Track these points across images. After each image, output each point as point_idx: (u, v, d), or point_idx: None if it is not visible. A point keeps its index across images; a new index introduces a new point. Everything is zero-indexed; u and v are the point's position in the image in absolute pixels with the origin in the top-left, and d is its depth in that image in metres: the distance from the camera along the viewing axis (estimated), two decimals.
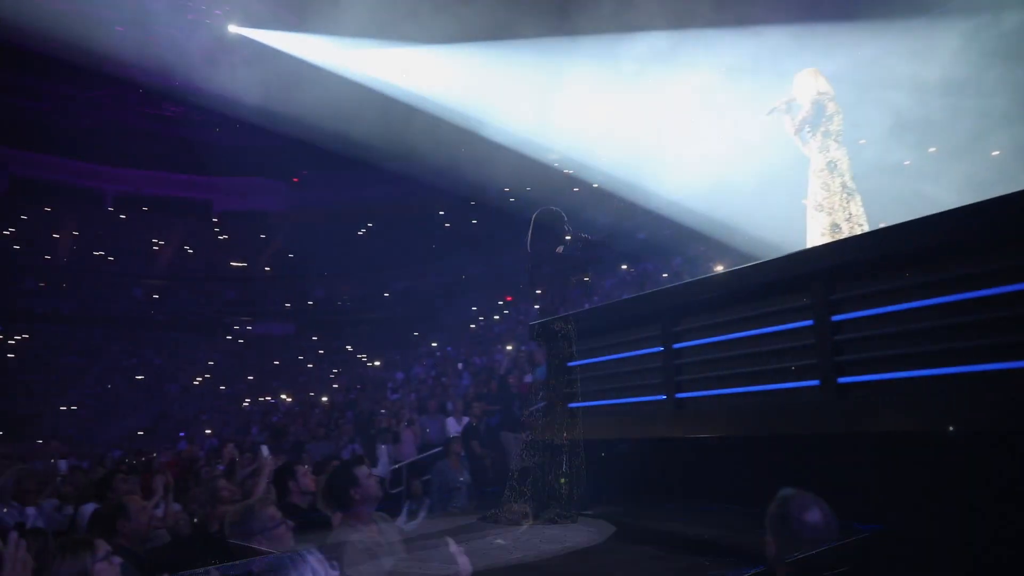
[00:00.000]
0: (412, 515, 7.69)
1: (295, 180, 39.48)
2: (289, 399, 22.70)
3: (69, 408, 28.50)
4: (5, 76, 31.42)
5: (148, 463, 7.90)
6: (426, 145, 22.23)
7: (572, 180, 28.70)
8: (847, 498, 2.42)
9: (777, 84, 5.57)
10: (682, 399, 3.96)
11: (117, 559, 2.32)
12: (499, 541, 6.17)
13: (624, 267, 22.29)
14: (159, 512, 5.09)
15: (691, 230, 13.93)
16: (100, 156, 35.05)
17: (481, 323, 26.29)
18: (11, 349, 31.03)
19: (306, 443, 9.86)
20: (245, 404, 25.71)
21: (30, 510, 5.19)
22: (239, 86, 23.81)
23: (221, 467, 6.94)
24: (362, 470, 3.33)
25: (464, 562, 2.56)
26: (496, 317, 25.57)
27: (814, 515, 2.06)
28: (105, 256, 35.36)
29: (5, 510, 4.95)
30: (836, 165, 4.89)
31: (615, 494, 4.51)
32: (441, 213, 36.78)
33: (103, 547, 2.29)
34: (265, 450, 5.48)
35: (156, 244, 36.95)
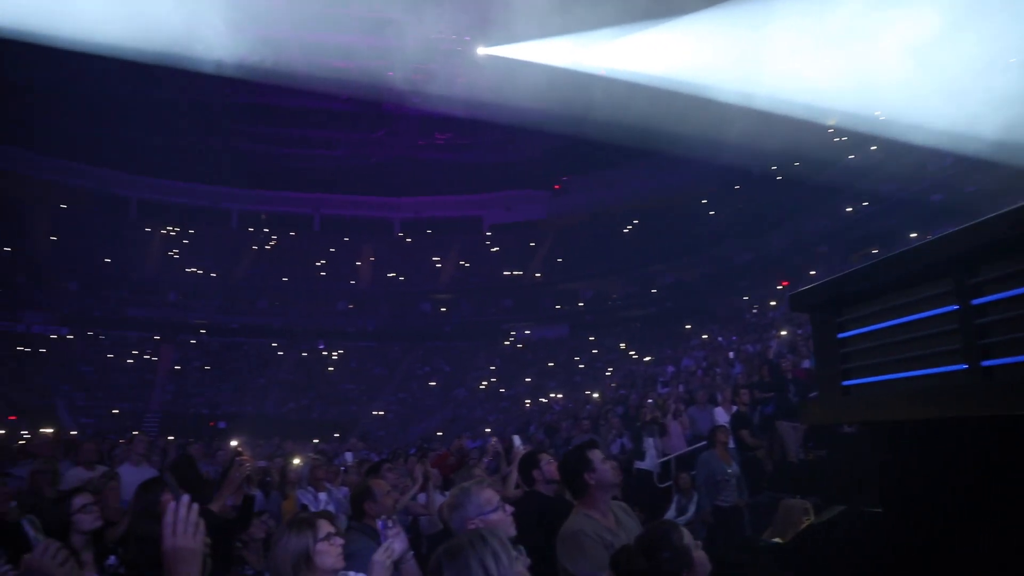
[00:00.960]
0: (681, 510, 7.30)
1: (556, 187, 40.87)
2: (560, 397, 23.31)
3: (378, 413, 32.32)
4: (306, 132, 37.02)
5: (422, 455, 8.52)
6: (681, 132, 21.59)
7: (846, 147, 25.96)
8: None
9: None
10: (991, 367, 3.06)
11: (339, 540, 2.39)
12: (776, 540, 5.57)
13: (914, 235, 19.45)
14: (422, 500, 5.37)
15: (1004, 175, 11.60)
16: (387, 188, 39.59)
17: (755, 311, 24.78)
18: (331, 363, 36.10)
19: (574, 438, 9.91)
20: (527, 404, 26.94)
21: (321, 495, 5.88)
22: (494, 104, 25.32)
23: (487, 460, 7.22)
24: (596, 454, 3.09)
25: (701, 557, 2.21)
26: (772, 303, 23.88)
27: None
28: (397, 277, 39.67)
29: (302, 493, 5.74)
30: None
31: (906, 487, 3.69)
32: (704, 202, 35.58)
33: (325, 528, 2.38)
34: (517, 440, 5.52)
35: (437, 262, 40.54)
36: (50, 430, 17.39)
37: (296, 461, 7.26)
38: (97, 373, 32.07)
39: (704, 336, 24.05)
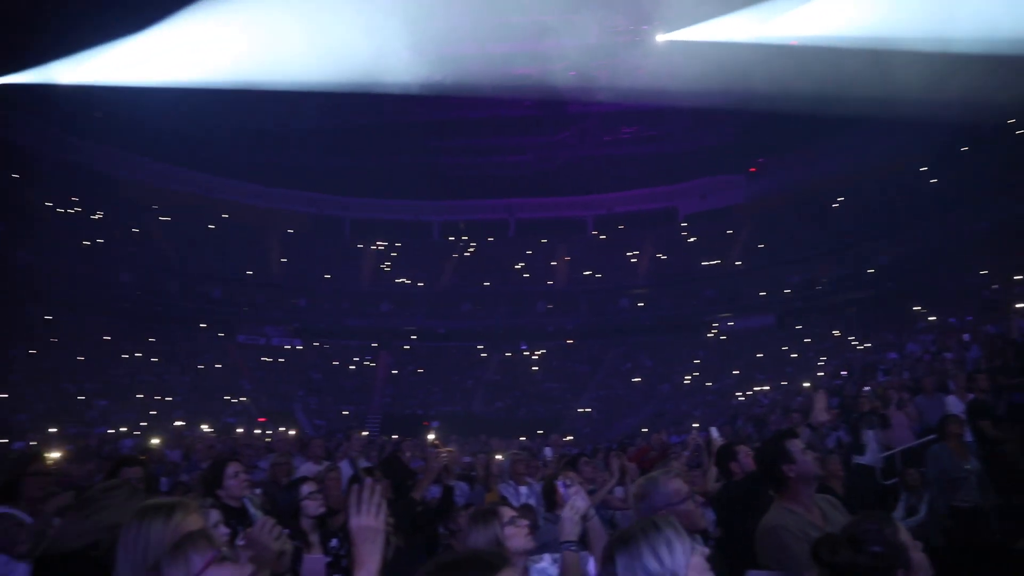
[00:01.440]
0: (911, 510, 6.58)
1: (752, 170, 38.96)
2: (768, 389, 22.09)
3: (583, 411, 32.62)
4: (495, 141, 38.52)
5: (623, 448, 8.44)
6: (886, 96, 19.57)
7: None
8: None
9: None
10: None
11: (524, 521, 2.50)
12: None
13: None
14: (619, 494, 5.28)
15: None
16: (578, 188, 40.02)
17: (994, 287, 21.85)
18: (534, 363, 37.07)
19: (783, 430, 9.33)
20: (739, 396, 25.83)
21: (522, 489, 6.03)
22: (679, 91, 24.60)
23: (687, 453, 7.01)
24: (795, 444, 2.87)
25: (921, 559, 1.95)
26: (1017, 277, 20.95)
27: None
28: (593, 274, 39.89)
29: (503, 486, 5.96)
30: None
31: None
32: (923, 169, 32.01)
33: (508, 513, 2.52)
34: (715, 432, 5.28)
35: (633, 256, 40.17)
36: (291, 431, 19.58)
37: (498, 456, 7.52)
38: (326, 379, 35.50)
39: (932, 318, 21.66)
